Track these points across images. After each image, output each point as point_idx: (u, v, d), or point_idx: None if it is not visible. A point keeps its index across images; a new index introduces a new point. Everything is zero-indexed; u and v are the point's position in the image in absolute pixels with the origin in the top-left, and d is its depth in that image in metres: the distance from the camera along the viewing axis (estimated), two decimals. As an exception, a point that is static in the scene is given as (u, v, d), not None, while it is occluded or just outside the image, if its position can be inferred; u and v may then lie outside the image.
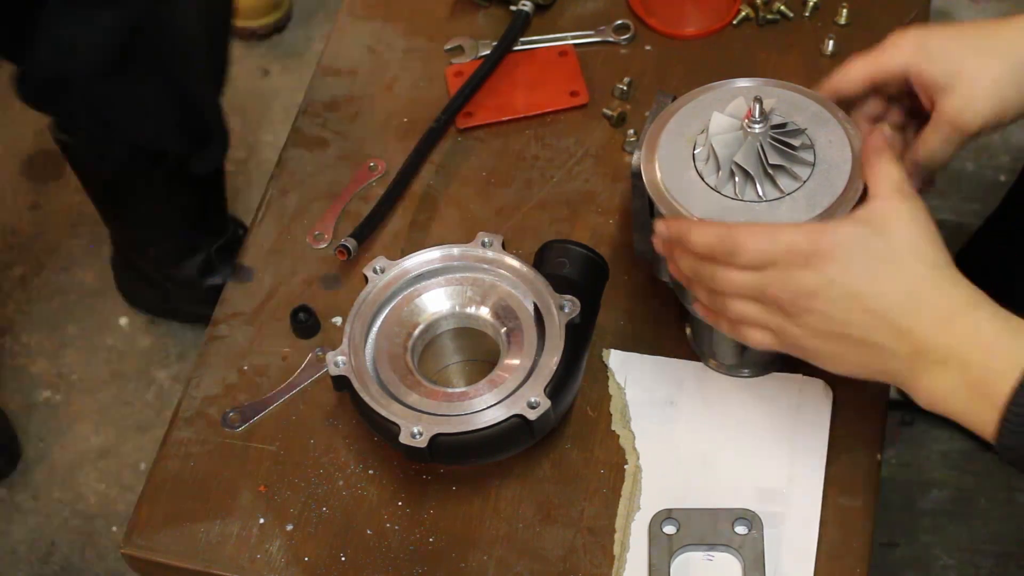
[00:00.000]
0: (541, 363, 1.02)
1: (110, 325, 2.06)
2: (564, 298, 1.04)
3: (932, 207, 0.94)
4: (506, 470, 1.07)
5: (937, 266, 0.91)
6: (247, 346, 1.16)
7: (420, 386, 1.04)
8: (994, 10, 2.31)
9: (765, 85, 1.04)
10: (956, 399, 0.89)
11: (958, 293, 0.90)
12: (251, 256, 1.22)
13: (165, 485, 1.09)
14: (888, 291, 0.90)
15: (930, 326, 0.89)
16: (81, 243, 2.15)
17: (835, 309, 0.91)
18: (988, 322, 0.89)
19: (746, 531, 1.02)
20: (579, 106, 1.29)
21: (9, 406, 1.98)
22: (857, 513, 1.04)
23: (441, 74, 1.33)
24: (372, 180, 1.26)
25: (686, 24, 1.33)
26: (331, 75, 1.34)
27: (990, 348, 0.88)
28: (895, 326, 0.90)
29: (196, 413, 1.13)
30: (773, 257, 0.92)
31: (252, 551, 1.05)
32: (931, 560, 1.77)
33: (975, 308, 0.90)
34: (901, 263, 0.91)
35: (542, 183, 1.24)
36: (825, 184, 0.97)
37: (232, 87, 2.30)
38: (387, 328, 1.07)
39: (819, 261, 0.91)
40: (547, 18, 1.35)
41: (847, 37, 1.30)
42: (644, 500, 1.05)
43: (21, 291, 2.10)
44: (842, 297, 0.91)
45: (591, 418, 1.10)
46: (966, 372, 0.88)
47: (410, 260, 1.09)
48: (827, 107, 1.01)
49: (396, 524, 1.06)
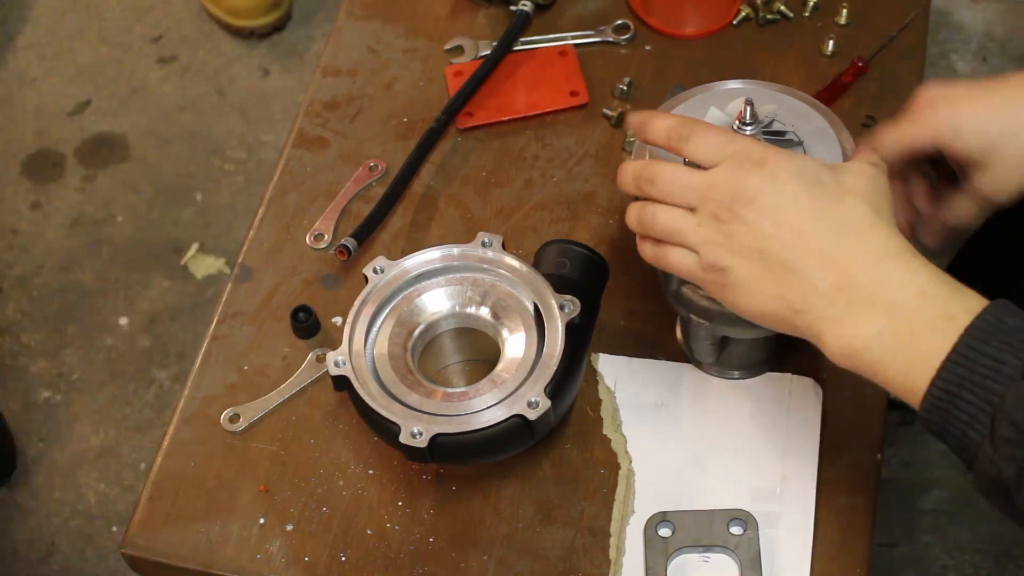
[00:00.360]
0: (541, 363, 1.02)
1: (110, 325, 2.06)
2: (564, 298, 1.04)
3: (932, 207, 0.94)
4: (506, 470, 1.07)
5: (879, 212, 0.89)
6: (247, 346, 1.16)
7: (420, 386, 1.03)
8: (994, 10, 2.31)
9: (779, 91, 1.03)
10: (880, 348, 0.84)
11: (896, 240, 0.87)
12: (251, 256, 1.22)
13: (165, 485, 1.09)
14: (825, 216, 0.87)
15: (860, 261, 0.86)
16: (81, 243, 2.15)
17: (767, 220, 0.88)
18: (924, 269, 0.85)
19: (741, 531, 1.02)
20: (579, 106, 1.29)
21: (9, 406, 1.98)
22: (856, 513, 1.04)
23: (441, 74, 1.33)
24: (372, 180, 1.26)
25: (686, 24, 1.33)
26: (331, 75, 1.34)
27: (923, 293, 0.84)
28: (822, 253, 0.87)
29: (196, 413, 1.13)
30: (724, 152, 0.91)
31: (252, 551, 1.05)
32: (931, 560, 1.77)
33: (911, 256, 0.86)
34: (846, 199, 0.89)
35: (542, 183, 1.24)
36: None
37: (232, 87, 2.31)
38: (387, 328, 1.07)
39: (770, 164, 0.89)
40: (547, 18, 1.35)
41: (847, 37, 1.30)
42: (638, 503, 1.05)
43: (21, 291, 2.10)
44: (778, 207, 0.88)
45: (591, 418, 1.10)
46: (894, 316, 0.84)
47: (410, 260, 1.09)
48: (833, 125, 1.00)
49: (396, 524, 1.06)
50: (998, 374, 0.80)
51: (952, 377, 0.82)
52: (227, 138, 2.26)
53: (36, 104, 2.32)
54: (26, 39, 2.41)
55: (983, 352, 0.81)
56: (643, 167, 0.95)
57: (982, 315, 0.82)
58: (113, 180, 2.22)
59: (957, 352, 0.82)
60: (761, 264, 0.89)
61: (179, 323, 2.06)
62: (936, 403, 0.83)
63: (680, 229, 0.93)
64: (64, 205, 2.19)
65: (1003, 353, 0.81)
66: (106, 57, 2.37)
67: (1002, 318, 0.82)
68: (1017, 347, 0.80)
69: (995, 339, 0.81)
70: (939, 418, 0.83)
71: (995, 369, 0.80)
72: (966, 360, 0.81)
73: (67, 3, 2.45)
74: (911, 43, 1.30)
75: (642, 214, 0.96)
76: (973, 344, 0.81)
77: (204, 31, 2.39)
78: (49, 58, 2.38)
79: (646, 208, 0.95)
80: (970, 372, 0.81)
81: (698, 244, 0.92)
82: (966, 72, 2.23)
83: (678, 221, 0.93)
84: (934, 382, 0.82)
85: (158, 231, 2.16)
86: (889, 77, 1.27)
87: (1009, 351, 0.80)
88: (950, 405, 0.82)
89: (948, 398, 0.82)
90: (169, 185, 2.21)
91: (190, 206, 2.18)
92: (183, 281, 2.10)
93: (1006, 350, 0.81)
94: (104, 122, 2.29)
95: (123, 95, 2.32)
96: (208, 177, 2.21)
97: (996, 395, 0.80)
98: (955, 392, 0.82)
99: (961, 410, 0.82)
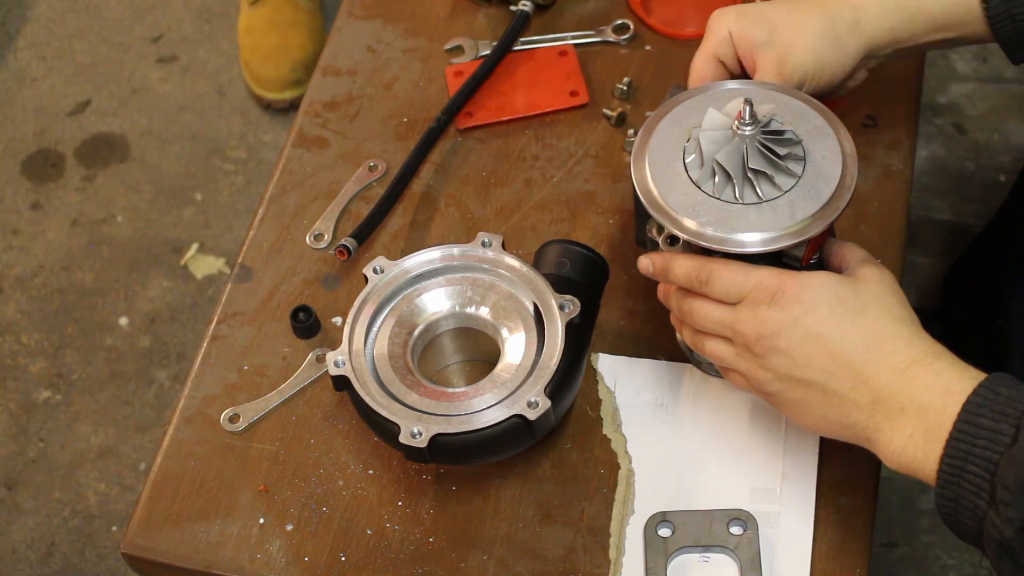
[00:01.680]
0: (541, 363, 1.02)
1: (110, 325, 2.06)
2: (564, 298, 1.04)
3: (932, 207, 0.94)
4: (506, 470, 1.07)
5: (900, 320, 0.92)
6: (247, 346, 1.16)
7: (420, 386, 1.03)
8: (994, 10, 2.31)
9: (777, 91, 1.03)
10: (915, 448, 0.88)
11: (919, 344, 0.91)
12: (251, 256, 1.22)
13: (165, 485, 1.09)
14: (850, 337, 0.91)
15: (888, 373, 0.90)
16: (81, 243, 2.15)
17: (798, 350, 0.92)
18: (948, 369, 0.89)
19: (741, 531, 1.02)
20: (579, 106, 1.29)
21: (9, 406, 1.98)
22: (856, 513, 1.04)
23: (441, 74, 1.33)
24: (372, 180, 1.26)
25: (686, 24, 1.33)
26: (331, 75, 1.34)
27: (948, 392, 0.87)
28: (855, 373, 0.90)
29: (196, 413, 1.13)
30: (743, 290, 0.94)
31: (252, 551, 1.05)
32: (931, 560, 1.77)
33: (935, 358, 0.90)
34: (865, 312, 0.92)
35: (542, 183, 1.24)
36: (807, 199, 0.96)
37: (232, 87, 2.31)
38: (387, 328, 1.07)
39: (786, 299, 0.92)
40: (547, 18, 1.35)
41: (847, 37, 1.30)
42: (638, 503, 1.05)
43: (21, 291, 2.10)
44: (805, 338, 0.92)
45: (591, 418, 1.10)
46: (923, 417, 0.87)
47: (410, 260, 1.09)
48: (831, 123, 1.01)
49: (396, 524, 1.06)
50: (995, 444, 0.84)
51: (957, 453, 0.85)
52: (227, 138, 2.26)
53: (36, 104, 2.32)
54: (26, 39, 2.41)
55: (980, 425, 0.84)
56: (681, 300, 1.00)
57: (978, 389, 0.86)
58: (113, 180, 2.22)
59: (957, 428, 0.85)
60: (804, 389, 0.93)
61: (179, 323, 2.06)
62: (948, 479, 0.85)
63: (726, 358, 0.98)
64: (64, 205, 2.19)
65: (999, 423, 0.84)
66: (106, 57, 2.37)
67: (996, 389, 0.86)
68: (1011, 415, 0.84)
69: (990, 411, 0.84)
70: (953, 493, 0.86)
71: (992, 440, 0.84)
72: (967, 436, 0.85)
73: (67, 3, 2.45)
74: (911, 43, 1.30)
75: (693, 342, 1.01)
76: (971, 419, 0.85)
77: (204, 31, 2.39)
78: (49, 58, 2.38)
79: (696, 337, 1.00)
80: (972, 446, 0.84)
81: (743, 370, 0.97)
82: (966, 72, 2.23)
83: (724, 351, 0.98)
84: (943, 459, 0.85)
85: (158, 231, 2.16)
86: (889, 77, 1.27)
87: (1004, 420, 0.84)
88: (960, 479, 0.85)
89: (957, 473, 0.85)
90: (169, 185, 2.21)
91: (190, 206, 2.18)
92: (183, 281, 2.10)
93: (1001, 419, 0.84)
94: (104, 122, 2.29)
95: (123, 95, 2.32)
96: (208, 177, 2.21)
97: (994, 463, 0.83)
98: (961, 467, 0.85)
99: (970, 483, 0.85)
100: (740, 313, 0.95)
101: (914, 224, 1.96)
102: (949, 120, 2.17)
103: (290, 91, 2.23)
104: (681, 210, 0.97)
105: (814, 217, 0.96)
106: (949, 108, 2.19)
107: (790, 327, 0.92)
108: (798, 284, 0.93)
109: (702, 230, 0.96)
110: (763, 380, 0.95)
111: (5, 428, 1.97)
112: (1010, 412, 0.84)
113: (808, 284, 0.93)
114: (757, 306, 0.94)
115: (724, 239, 0.95)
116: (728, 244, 0.95)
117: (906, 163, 1.23)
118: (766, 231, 0.95)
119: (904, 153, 1.23)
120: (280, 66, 2.21)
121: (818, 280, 0.93)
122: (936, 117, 2.17)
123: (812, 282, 0.93)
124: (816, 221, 0.96)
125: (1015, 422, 0.83)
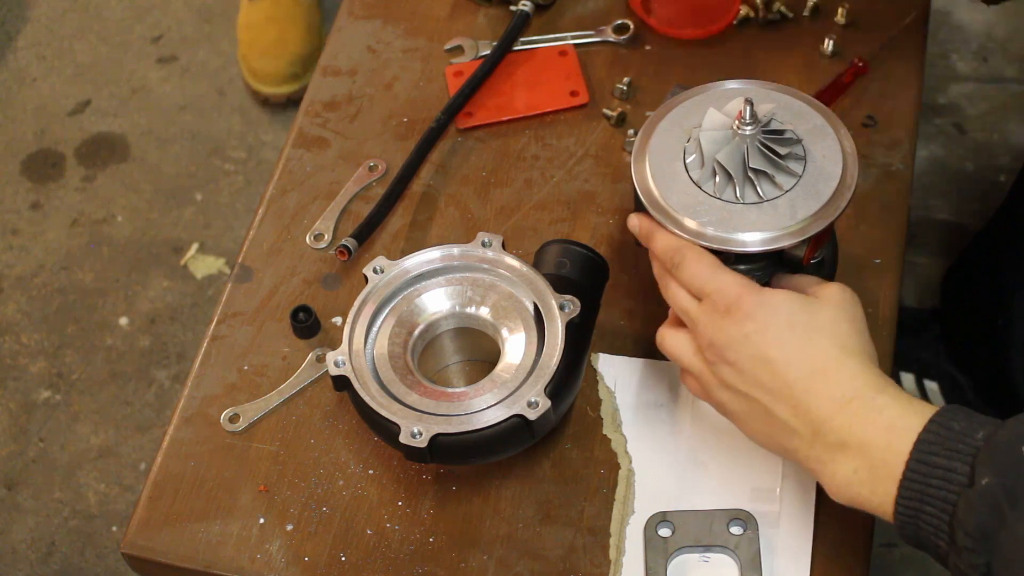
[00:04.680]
0: (541, 363, 1.02)
1: (110, 325, 2.06)
2: (564, 298, 1.04)
3: (932, 207, 0.94)
4: (506, 470, 1.07)
5: (847, 350, 0.90)
6: (247, 346, 1.16)
7: (420, 386, 1.04)
8: (994, 10, 2.31)
9: (777, 91, 1.03)
10: (859, 484, 0.86)
11: (863, 376, 0.88)
12: (251, 256, 1.22)
13: (165, 485, 1.09)
14: (795, 363, 0.89)
15: (828, 405, 0.87)
16: (81, 243, 2.15)
17: (746, 366, 0.91)
18: (892, 404, 0.86)
19: (741, 531, 1.02)
20: (579, 106, 1.29)
21: (9, 406, 1.98)
22: (857, 513, 1.04)
23: (441, 74, 1.33)
24: (372, 180, 1.26)
25: (686, 24, 1.33)
26: (331, 75, 1.34)
27: (891, 429, 0.84)
28: (795, 402, 0.89)
29: (196, 413, 1.13)
30: (704, 290, 0.94)
31: (252, 551, 1.05)
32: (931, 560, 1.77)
33: (878, 391, 0.87)
34: (814, 339, 0.90)
35: (542, 183, 1.24)
36: (808, 198, 0.96)
37: (232, 87, 2.31)
38: (387, 328, 1.07)
39: (740, 314, 0.91)
40: (547, 18, 1.35)
41: (847, 37, 1.30)
42: (638, 503, 1.05)
43: (21, 291, 2.10)
44: (752, 357, 0.91)
45: (591, 418, 1.10)
46: (866, 455, 0.85)
47: (410, 260, 1.09)
48: (832, 123, 1.01)
49: (396, 524, 1.06)
50: (950, 483, 0.81)
51: (911, 494, 0.83)
52: (227, 138, 2.26)
53: (36, 104, 2.32)
54: (26, 39, 2.41)
55: (934, 464, 0.82)
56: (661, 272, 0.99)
57: (928, 426, 0.83)
58: (113, 180, 2.22)
59: (910, 468, 0.83)
60: (749, 404, 0.92)
61: (179, 323, 2.06)
62: (905, 520, 0.84)
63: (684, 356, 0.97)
64: (64, 205, 2.19)
65: (953, 462, 0.81)
66: (106, 57, 2.37)
67: (948, 425, 0.83)
68: (964, 452, 0.81)
69: (943, 448, 0.82)
70: (913, 533, 0.84)
71: (946, 479, 0.81)
72: (920, 476, 0.82)
73: (67, 3, 2.45)
74: (911, 43, 1.30)
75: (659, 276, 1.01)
76: (923, 458, 0.82)
77: (204, 31, 2.39)
78: (49, 58, 2.38)
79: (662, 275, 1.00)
80: (926, 486, 0.82)
81: (696, 372, 0.96)
82: (966, 72, 2.23)
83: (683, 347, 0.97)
84: (898, 500, 0.83)
85: (158, 231, 2.16)
86: (889, 77, 1.27)
87: (958, 458, 0.81)
88: (917, 519, 0.83)
89: (914, 514, 0.83)
90: (169, 185, 2.21)
91: (190, 206, 2.18)
92: (183, 281, 2.10)
93: (955, 457, 0.81)
94: (104, 122, 2.29)
95: (123, 95, 2.32)
96: (208, 177, 2.21)
97: (952, 504, 0.81)
98: (918, 507, 0.83)
99: (927, 523, 0.83)
100: (699, 312, 0.94)
101: (914, 224, 1.96)
102: (949, 120, 2.17)
103: (287, 85, 2.22)
104: (682, 210, 0.97)
105: (815, 216, 0.96)
106: (949, 108, 2.19)
107: (740, 343, 0.91)
108: (755, 301, 0.91)
109: (703, 230, 0.96)
110: (711, 385, 0.95)
111: (5, 428, 1.97)
112: (962, 449, 0.81)
113: (764, 302, 0.91)
114: (714, 312, 0.93)
115: (725, 239, 0.96)
116: (729, 244, 0.95)
117: (906, 163, 1.23)
118: (767, 231, 0.95)
119: (904, 153, 1.23)
120: (278, 60, 2.20)
121: (775, 300, 0.92)
122: (936, 117, 2.17)
123: (769, 300, 0.91)
124: (817, 220, 0.96)
125: (969, 460, 0.81)
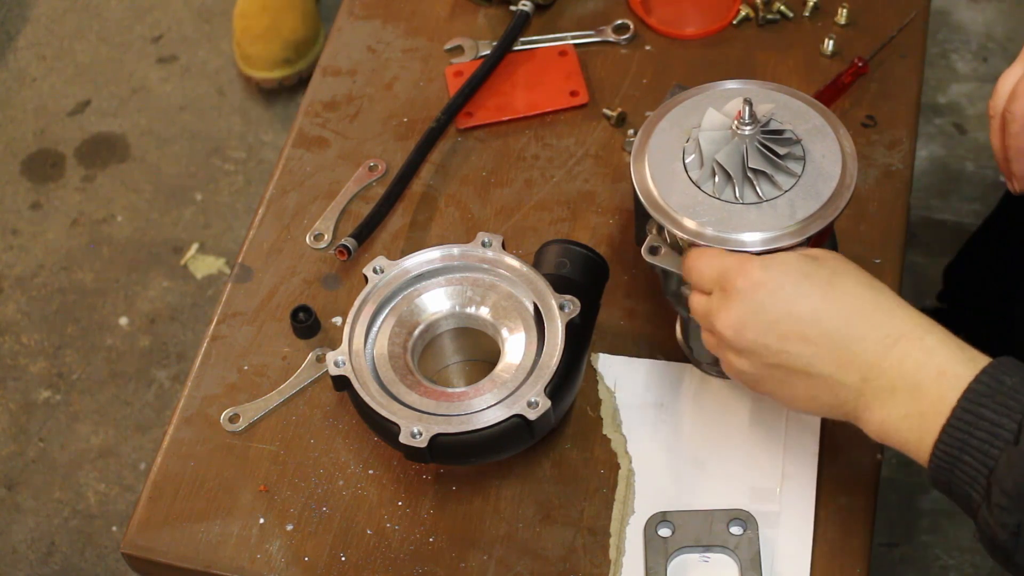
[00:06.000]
0: (541, 363, 1.02)
1: (110, 325, 2.06)
2: (564, 298, 1.04)
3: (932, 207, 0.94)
4: (506, 470, 1.07)
5: (876, 288, 0.88)
6: (247, 346, 1.16)
7: (420, 386, 1.04)
8: (994, 10, 2.31)
9: (777, 91, 1.03)
10: (908, 429, 0.84)
11: (904, 314, 0.87)
12: (251, 256, 1.22)
13: (165, 485, 1.09)
14: (826, 313, 0.87)
15: (874, 348, 0.85)
16: (81, 243, 2.15)
17: (770, 339, 0.89)
18: (940, 348, 0.84)
19: (741, 531, 1.02)
20: (579, 106, 1.29)
21: (9, 406, 1.98)
22: (856, 513, 1.04)
23: (441, 74, 1.33)
24: (372, 180, 1.26)
25: (686, 24, 1.33)
26: (331, 75, 1.34)
27: (943, 374, 0.83)
28: (839, 351, 0.86)
29: (196, 413, 1.13)
30: (711, 280, 0.93)
31: (252, 551, 1.05)
32: (931, 560, 1.77)
33: (926, 332, 0.85)
34: (836, 283, 0.88)
35: (542, 183, 1.24)
36: (807, 198, 0.96)
37: (232, 87, 2.31)
38: (387, 328, 1.07)
39: (748, 287, 0.90)
40: (547, 18, 1.35)
41: (847, 37, 1.30)
42: (638, 503, 1.05)
43: (21, 291, 2.10)
44: (774, 323, 0.88)
45: (591, 418, 1.10)
46: (917, 399, 0.84)
47: (410, 260, 1.09)
48: (830, 122, 1.01)
49: (396, 524, 1.06)
50: (995, 438, 0.81)
51: (953, 441, 0.82)
52: (227, 138, 2.26)
53: (36, 104, 2.32)
54: (26, 39, 2.41)
55: (981, 416, 0.81)
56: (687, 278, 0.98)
57: (980, 376, 0.82)
58: (113, 180, 2.22)
59: (956, 416, 0.82)
60: (785, 374, 0.90)
61: (179, 323, 2.06)
62: (940, 464, 0.83)
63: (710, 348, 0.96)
64: (64, 205, 2.19)
65: (1000, 416, 0.81)
66: (106, 57, 2.37)
67: (1000, 378, 0.82)
68: (1014, 409, 0.81)
69: (992, 401, 0.81)
70: (945, 478, 0.84)
71: (992, 433, 0.81)
72: (965, 424, 0.82)
73: (67, 3, 2.45)
74: (911, 43, 1.30)
75: None
76: (970, 408, 0.82)
77: (204, 31, 2.39)
78: (49, 58, 2.38)
79: None
80: (969, 436, 0.82)
81: (726, 361, 0.95)
82: (966, 72, 2.23)
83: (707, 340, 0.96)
84: (937, 445, 0.83)
85: (158, 231, 2.16)
86: (889, 77, 1.27)
87: (1006, 414, 0.81)
88: (954, 468, 0.83)
89: (952, 461, 0.83)
90: (169, 185, 2.21)
91: (190, 206, 2.18)
92: (183, 281, 2.10)
93: (1003, 413, 0.81)
94: (104, 122, 2.29)
95: (123, 95, 2.32)
96: (208, 177, 2.21)
97: (992, 459, 0.81)
98: (956, 456, 0.82)
99: (963, 472, 0.82)
100: (712, 304, 0.93)
101: (914, 224, 1.96)
102: (949, 120, 2.17)
103: (279, 70, 2.21)
104: (681, 210, 0.97)
105: (814, 216, 0.96)
106: (949, 108, 2.19)
107: (755, 316, 0.89)
108: (759, 265, 0.90)
109: (702, 230, 0.96)
110: (748, 372, 0.92)
111: (5, 428, 1.97)
112: (1012, 405, 0.80)
113: (768, 264, 0.90)
114: (725, 297, 0.92)
115: (724, 239, 0.95)
116: (728, 244, 0.95)
117: (906, 163, 1.23)
118: (766, 231, 0.95)
119: (904, 153, 1.23)
120: (270, 44, 2.19)
121: (779, 258, 0.91)
122: (936, 117, 2.17)
123: (771, 262, 0.90)
124: (816, 220, 0.96)
125: (1018, 417, 0.80)
